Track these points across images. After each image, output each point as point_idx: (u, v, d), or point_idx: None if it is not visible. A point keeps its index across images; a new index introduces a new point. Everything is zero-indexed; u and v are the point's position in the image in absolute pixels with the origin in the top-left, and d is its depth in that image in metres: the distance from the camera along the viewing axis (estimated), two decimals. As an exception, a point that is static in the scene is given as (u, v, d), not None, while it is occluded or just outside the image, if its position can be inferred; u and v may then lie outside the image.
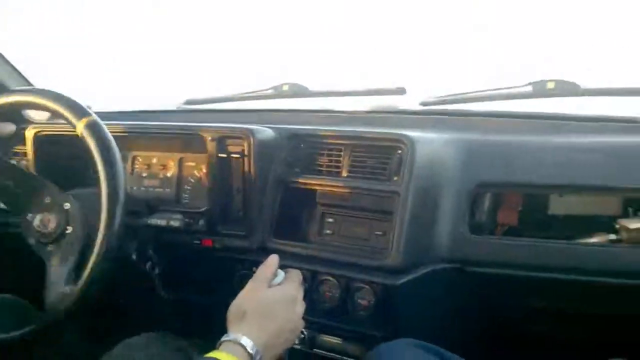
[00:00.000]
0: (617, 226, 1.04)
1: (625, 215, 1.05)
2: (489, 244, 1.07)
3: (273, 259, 0.91)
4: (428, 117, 1.38)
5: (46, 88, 0.94)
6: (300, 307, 0.88)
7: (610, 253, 1.02)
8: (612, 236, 1.04)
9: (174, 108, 1.63)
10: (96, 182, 0.89)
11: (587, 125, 1.22)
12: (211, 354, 0.74)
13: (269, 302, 0.84)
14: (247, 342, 0.76)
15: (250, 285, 0.86)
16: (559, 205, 1.10)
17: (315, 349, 1.10)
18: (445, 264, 1.06)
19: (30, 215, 0.95)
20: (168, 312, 1.23)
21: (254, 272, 1.12)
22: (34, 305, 0.89)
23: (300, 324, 0.88)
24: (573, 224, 1.09)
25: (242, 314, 0.81)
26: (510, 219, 1.11)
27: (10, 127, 1.31)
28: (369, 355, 0.92)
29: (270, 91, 1.51)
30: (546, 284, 1.06)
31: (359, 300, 1.02)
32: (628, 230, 1.02)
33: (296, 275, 0.92)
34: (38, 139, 1.25)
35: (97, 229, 0.84)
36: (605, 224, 1.06)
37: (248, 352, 0.75)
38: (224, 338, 0.78)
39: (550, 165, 1.07)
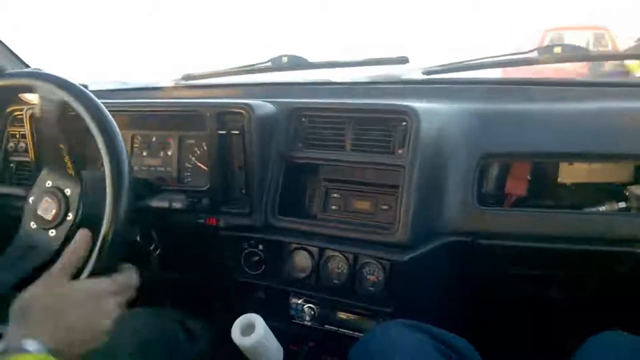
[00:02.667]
0: (627, 193, 1.02)
1: (635, 182, 1.03)
2: (497, 215, 1.05)
3: (83, 238, 0.79)
4: (431, 87, 1.35)
5: (40, 70, 0.91)
6: (109, 304, 0.76)
7: (619, 221, 1.01)
8: (622, 204, 1.03)
9: (171, 84, 1.60)
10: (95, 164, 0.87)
11: (596, 90, 1.19)
12: None
13: (62, 296, 0.73)
14: (32, 345, 0.65)
15: (43, 278, 0.75)
16: (568, 174, 1.09)
17: (326, 325, 1.09)
18: (453, 237, 1.04)
19: (32, 199, 0.94)
20: (169, 292, 1.22)
21: (260, 250, 1.12)
22: None
23: (107, 322, 0.75)
24: (582, 193, 1.07)
25: (24, 310, 0.70)
26: (519, 189, 1.09)
27: None
28: (363, 339, 0.91)
29: (268, 64, 1.48)
30: (557, 254, 1.04)
31: (367, 276, 1.01)
32: (638, 197, 1.01)
33: (124, 274, 0.81)
34: (33, 120, 1.22)
35: (101, 216, 0.81)
36: (615, 191, 1.05)
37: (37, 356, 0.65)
38: (2, 346, 0.66)
39: (560, 133, 1.05)
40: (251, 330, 0.94)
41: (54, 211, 0.90)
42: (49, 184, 0.93)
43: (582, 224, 1.01)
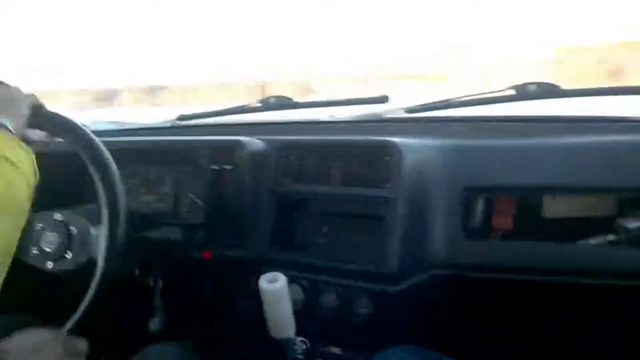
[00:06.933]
0: (615, 226, 1.02)
1: (622, 215, 1.03)
2: (484, 248, 1.06)
3: None
4: (414, 125, 1.38)
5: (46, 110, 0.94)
6: None
7: (609, 254, 1.00)
8: (611, 237, 1.02)
9: (167, 124, 1.64)
10: (95, 199, 0.89)
11: (572, 126, 1.22)
12: None
13: None
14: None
15: None
16: (553, 208, 1.09)
17: (318, 359, 1.10)
18: (442, 270, 1.05)
19: (40, 226, 0.95)
20: (169, 324, 1.23)
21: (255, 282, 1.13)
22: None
23: None
24: (570, 226, 1.07)
25: None
26: (505, 222, 1.10)
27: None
28: None
29: (258, 104, 1.53)
30: (548, 287, 1.06)
31: (359, 309, 1.03)
32: (627, 230, 1.00)
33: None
34: (38, 157, 1.25)
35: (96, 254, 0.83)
36: (604, 224, 1.04)
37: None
38: None
39: (540, 167, 1.07)
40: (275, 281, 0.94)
41: (55, 246, 0.91)
42: (58, 217, 0.94)
43: (571, 256, 1.01)
